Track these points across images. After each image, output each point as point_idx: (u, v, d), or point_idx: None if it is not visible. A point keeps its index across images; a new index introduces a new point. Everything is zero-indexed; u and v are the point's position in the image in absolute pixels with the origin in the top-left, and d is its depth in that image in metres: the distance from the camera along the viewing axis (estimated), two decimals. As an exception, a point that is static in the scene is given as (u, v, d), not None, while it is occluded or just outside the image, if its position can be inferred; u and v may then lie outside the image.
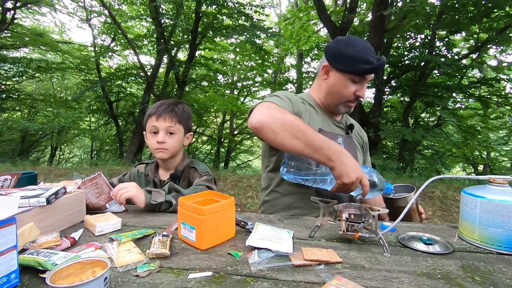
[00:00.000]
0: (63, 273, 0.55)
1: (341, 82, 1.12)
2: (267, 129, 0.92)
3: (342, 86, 1.12)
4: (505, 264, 0.70)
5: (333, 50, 1.12)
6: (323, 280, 0.60)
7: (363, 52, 1.07)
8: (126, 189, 1.02)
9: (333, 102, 1.17)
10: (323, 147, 0.88)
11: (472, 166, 9.22)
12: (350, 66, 1.08)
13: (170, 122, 1.21)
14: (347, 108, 1.17)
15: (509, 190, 0.77)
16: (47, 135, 10.27)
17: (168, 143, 1.21)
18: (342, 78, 1.11)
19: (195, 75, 9.59)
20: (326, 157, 0.88)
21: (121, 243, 0.73)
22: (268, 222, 0.94)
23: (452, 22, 5.77)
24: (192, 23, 7.29)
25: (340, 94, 1.13)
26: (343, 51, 1.09)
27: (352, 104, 1.16)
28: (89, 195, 1.01)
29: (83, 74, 9.37)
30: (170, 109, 1.22)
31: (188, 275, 0.62)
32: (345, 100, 1.14)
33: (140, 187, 1.05)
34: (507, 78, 6.99)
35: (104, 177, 1.06)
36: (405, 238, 0.82)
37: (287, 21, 9.96)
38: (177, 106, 1.25)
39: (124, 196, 1.01)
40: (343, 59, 1.09)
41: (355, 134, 1.30)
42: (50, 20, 13.82)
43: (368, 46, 1.12)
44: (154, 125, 1.21)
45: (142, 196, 1.02)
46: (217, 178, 4.69)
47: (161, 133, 1.20)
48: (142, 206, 1.02)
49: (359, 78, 1.09)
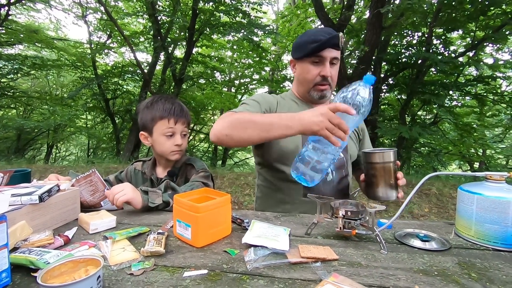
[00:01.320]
0: (55, 271, 0.54)
1: (303, 68, 1.17)
2: (221, 137, 0.96)
3: (305, 72, 1.17)
4: (501, 260, 0.70)
5: (294, 44, 1.21)
6: (319, 278, 0.60)
7: (314, 34, 1.12)
8: (122, 193, 0.98)
9: (305, 90, 1.21)
10: (274, 121, 0.89)
11: (468, 164, 9.28)
12: (303, 50, 1.14)
13: (185, 124, 1.26)
14: (318, 92, 1.18)
15: (505, 187, 0.77)
16: (43, 133, 10.17)
17: (183, 145, 1.25)
18: (303, 64, 1.17)
19: (192, 73, 9.53)
20: (284, 127, 0.87)
21: (115, 241, 0.72)
22: (265, 220, 0.93)
23: (449, 20, 5.77)
24: (189, 20, 7.23)
25: (306, 80, 1.17)
26: (298, 41, 1.18)
27: (322, 87, 1.17)
28: (84, 193, 1.00)
29: (79, 71, 9.28)
30: (185, 112, 1.26)
31: (183, 273, 0.61)
32: (313, 84, 1.17)
33: (135, 188, 1.02)
34: (503, 76, 7.03)
35: (98, 174, 1.04)
36: (401, 235, 0.82)
37: (284, 19, 9.91)
38: (183, 107, 1.27)
39: (121, 200, 0.97)
40: (298, 48, 1.16)
41: None
42: (45, 17, 13.67)
43: (323, 29, 1.17)
44: (171, 127, 1.21)
45: (139, 197, 1.00)
46: (214, 176, 4.67)
47: (178, 136, 1.23)
48: (139, 208, 1.00)
49: (318, 58, 1.12)
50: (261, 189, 1.26)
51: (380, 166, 0.93)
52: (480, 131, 7.68)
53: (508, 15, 5.24)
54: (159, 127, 1.21)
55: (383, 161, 0.92)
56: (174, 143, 1.21)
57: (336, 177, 1.16)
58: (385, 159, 0.92)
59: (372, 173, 0.95)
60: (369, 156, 0.95)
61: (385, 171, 0.93)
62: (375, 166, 0.93)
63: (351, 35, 7.08)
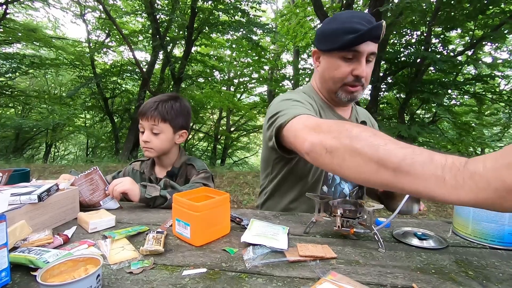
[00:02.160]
0: (55, 270, 0.54)
1: (331, 63, 0.96)
2: (320, 151, 0.64)
3: (333, 68, 0.96)
4: (498, 258, 0.70)
5: (319, 32, 0.99)
6: (317, 276, 0.60)
7: (348, 22, 0.89)
8: (121, 184, 1.01)
9: (330, 90, 1.01)
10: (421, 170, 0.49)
11: (466, 162, 9.29)
12: (334, 41, 0.91)
13: (153, 121, 1.17)
14: (348, 94, 0.98)
15: (502, 185, 0.78)
16: (41, 132, 10.16)
17: (153, 143, 1.18)
18: (331, 59, 0.95)
19: (191, 72, 9.54)
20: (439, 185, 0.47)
21: (114, 240, 0.72)
22: (264, 219, 0.93)
23: (448, 18, 5.78)
24: (188, 19, 7.23)
25: (333, 78, 0.97)
26: (326, 29, 0.95)
27: (353, 89, 0.97)
28: (83, 191, 1.00)
29: (78, 70, 9.28)
30: (154, 108, 1.17)
31: (182, 271, 0.61)
32: (342, 84, 0.97)
33: (135, 182, 1.05)
34: (501, 75, 7.05)
35: (100, 172, 1.04)
36: (399, 234, 0.83)
37: (283, 17, 9.91)
38: (164, 104, 1.19)
39: (119, 190, 1.00)
40: (327, 37, 0.94)
41: None
42: (43, 15, 13.62)
43: (357, 14, 0.93)
44: (140, 123, 1.21)
45: (137, 190, 1.02)
46: (214, 175, 4.69)
47: (146, 132, 1.18)
48: (136, 200, 1.02)
49: (352, 53, 0.91)
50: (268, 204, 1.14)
51: None
52: (478, 129, 7.71)
53: (507, 14, 5.25)
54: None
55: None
56: (142, 139, 1.19)
57: (350, 187, 1.08)
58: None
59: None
60: None
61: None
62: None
63: (350, 34, 7.06)
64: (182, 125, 1.25)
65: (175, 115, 1.21)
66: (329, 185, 1.05)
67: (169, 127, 1.20)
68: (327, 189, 1.05)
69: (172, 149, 1.26)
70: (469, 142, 7.13)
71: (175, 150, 1.28)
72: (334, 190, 1.05)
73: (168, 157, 1.26)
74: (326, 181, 1.04)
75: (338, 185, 1.06)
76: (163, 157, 1.25)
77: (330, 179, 1.04)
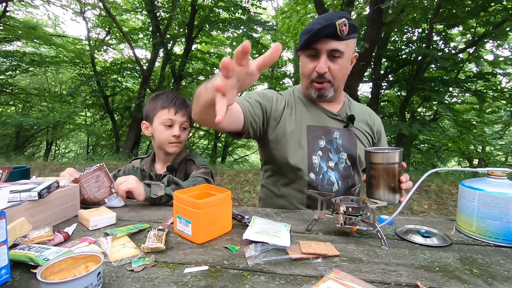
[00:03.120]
0: (55, 268, 0.53)
1: (302, 62, 1.07)
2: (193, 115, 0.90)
3: (302, 66, 1.07)
4: (503, 256, 0.70)
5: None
6: (320, 274, 0.59)
7: (312, 23, 1.00)
8: (126, 182, 1.01)
9: (304, 87, 1.12)
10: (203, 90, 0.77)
11: (467, 160, 9.30)
12: (300, 42, 1.03)
13: (186, 117, 1.23)
14: (315, 90, 1.07)
15: (507, 183, 0.77)
16: (42, 130, 10.15)
17: (182, 137, 1.23)
18: (302, 58, 1.07)
19: (192, 69, 9.50)
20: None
21: (115, 238, 0.71)
22: (265, 216, 0.93)
23: (450, 16, 5.74)
24: (188, 16, 7.20)
25: (304, 75, 1.08)
26: (302, 31, 1.05)
27: (319, 85, 1.05)
28: (88, 188, 0.99)
29: (78, 68, 9.25)
30: (186, 105, 1.24)
31: (184, 269, 0.61)
32: (309, 81, 1.07)
33: (139, 181, 1.05)
34: (503, 72, 7.02)
35: (106, 169, 1.04)
36: (403, 231, 0.82)
37: (284, 15, 9.86)
38: (186, 101, 1.26)
39: (124, 188, 1.00)
40: (299, 38, 1.06)
41: (360, 124, 1.17)
42: (43, 13, 13.53)
43: (325, 16, 1.01)
44: (170, 118, 1.20)
45: (142, 189, 1.02)
46: (214, 172, 4.67)
47: (177, 127, 1.22)
48: (141, 199, 1.02)
49: (314, 51, 1.01)
50: (264, 191, 1.21)
51: (382, 167, 0.84)
52: (479, 127, 7.69)
53: (509, 11, 5.21)
54: (159, 116, 1.21)
55: (387, 162, 0.84)
56: (172, 133, 1.20)
57: (342, 187, 1.09)
58: (389, 160, 0.83)
59: (373, 174, 0.86)
60: (371, 155, 0.85)
61: (388, 173, 0.84)
62: (377, 167, 0.85)
63: (351, 31, 7.03)
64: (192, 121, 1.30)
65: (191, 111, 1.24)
66: (316, 173, 1.08)
67: (189, 122, 1.27)
68: (315, 176, 1.08)
69: None
70: (470, 140, 7.11)
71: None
72: (322, 178, 1.08)
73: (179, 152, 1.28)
74: (313, 169, 1.08)
75: (325, 173, 1.09)
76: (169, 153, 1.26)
77: (316, 167, 1.08)
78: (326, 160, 1.09)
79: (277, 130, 1.11)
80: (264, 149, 1.16)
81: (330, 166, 1.09)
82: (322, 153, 1.09)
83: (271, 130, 1.11)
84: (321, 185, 1.07)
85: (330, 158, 1.10)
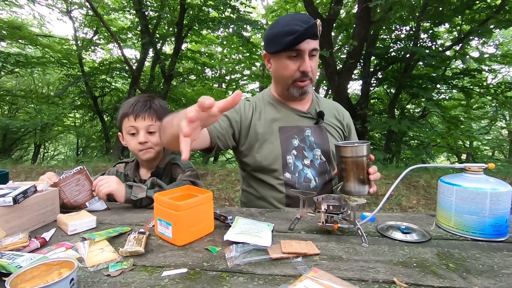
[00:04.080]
0: (27, 275, 0.52)
1: (279, 64, 1.06)
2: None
3: (282, 68, 1.06)
4: (478, 250, 0.71)
5: (265, 36, 1.10)
6: (299, 273, 0.60)
7: (287, 24, 1.00)
8: (107, 184, 0.99)
9: (283, 88, 1.12)
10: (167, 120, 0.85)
11: (455, 156, 9.49)
12: (278, 43, 1.02)
13: (150, 120, 1.16)
14: (298, 89, 1.08)
15: (483, 178, 0.78)
16: (29, 132, 9.92)
17: (152, 142, 1.17)
18: (279, 60, 1.06)
19: (182, 69, 9.42)
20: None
21: (94, 242, 0.70)
22: (249, 216, 0.92)
23: (436, 13, 5.83)
24: (177, 15, 7.11)
25: (284, 77, 1.08)
26: (270, 32, 1.06)
27: (302, 84, 1.07)
28: (68, 192, 0.97)
29: (65, 68, 9.05)
30: (147, 107, 1.16)
31: (162, 272, 0.60)
32: (291, 81, 1.07)
33: (120, 181, 1.03)
34: (488, 69, 7.17)
35: (87, 172, 1.01)
36: (383, 228, 0.83)
37: (274, 13, 9.86)
38: (153, 101, 1.19)
39: (104, 192, 0.98)
40: (272, 41, 1.05)
41: (330, 119, 1.21)
42: (28, 13, 13.21)
43: (297, 16, 1.04)
44: (132, 125, 1.15)
45: (123, 190, 1.00)
46: (205, 172, 4.66)
47: (142, 132, 1.15)
48: (122, 201, 1.00)
49: (296, 52, 1.02)
50: (245, 195, 1.22)
51: (352, 160, 0.89)
52: (466, 123, 7.86)
53: (493, 9, 5.33)
54: (124, 125, 1.18)
55: (356, 155, 0.88)
56: (137, 141, 1.14)
57: (320, 183, 1.11)
58: (357, 153, 0.88)
59: (343, 167, 0.91)
60: (340, 149, 0.90)
61: (357, 165, 0.88)
62: (347, 160, 0.89)
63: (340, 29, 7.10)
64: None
65: (163, 112, 1.20)
66: (292, 172, 1.10)
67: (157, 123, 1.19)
68: (290, 175, 1.10)
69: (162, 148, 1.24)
70: (458, 135, 7.26)
71: (162, 150, 1.26)
72: (298, 176, 1.10)
73: (157, 157, 1.24)
74: (288, 168, 1.10)
75: (301, 171, 1.11)
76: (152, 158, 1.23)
77: (291, 166, 1.10)
78: (301, 158, 1.11)
79: (249, 137, 1.13)
80: (239, 155, 1.18)
81: (305, 164, 1.12)
82: (296, 152, 1.11)
83: (243, 138, 1.14)
84: (298, 182, 1.09)
85: (305, 156, 1.12)
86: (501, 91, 6.34)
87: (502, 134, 10.87)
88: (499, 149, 10.25)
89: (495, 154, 10.19)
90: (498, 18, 5.26)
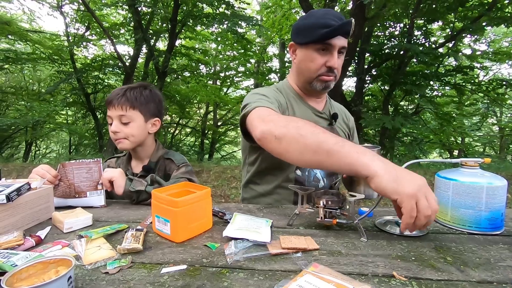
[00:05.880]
0: (23, 274, 0.51)
1: (307, 55, 1.04)
2: (270, 137, 0.80)
3: (309, 60, 1.04)
4: (475, 243, 0.72)
5: (295, 26, 1.09)
6: (300, 268, 0.60)
7: (323, 18, 0.99)
8: (110, 170, 1.01)
9: (305, 81, 1.09)
10: (345, 152, 0.71)
11: (448, 152, 9.63)
12: (310, 35, 1.00)
13: (121, 110, 1.09)
14: (322, 83, 1.06)
15: (479, 172, 0.79)
16: (20, 130, 9.75)
17: (124, 132, 1.10)
18: (307, 51, 1.03)
19: (176, 66, 9.33)
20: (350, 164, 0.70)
21: (91, 240, 0.69)
22: (247, 212, 0.92)
23: (430, 10, 5.88)
24: (171, 11, 7.03)
25: (309, 69, 1.05)
26: (302, 23, 1.04)
27: (327, 78, 1.05)
28: (77, 176, 0.98)
29: (57, 65, 8.89)
30: (120, 95, 1.10)
31: (161, 269, 0.59)
32: (317, 75, 1.05)
33: (124, 175, 1.04)
34: (480, 66, 7.27)
35: (101, 166, 1.02)
36: (382, 223, 0.84)
37: (268, 10, 9.82)
38: (132, 90, 1.12)
39: (106, 176, 0.99)
40: (303, 32, 1.03)
41: (340, 122, 1.22)
42: (17, 7, 12.87)
43: (331, 12, 1.03)
44: (108, 115, 1.13)
45: (123, 181, 1.01)
46: (201, 170, 4.64)
47: (115, 122, 1.10)
48: (120, 192, 1.00)
49: (325, 46, 1.00)
50: (248, 190, 1.20)
51: None
52: (459, 119, 7.97)
53: (485, 7, 5.39)
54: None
55: None
56: (110, 130, 1.12)
57: (328, 184, 1.12)
58: None
59: None
60: None
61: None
62: None
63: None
64: (154, 112, 1.18)
65: (145, 101, 1.14)
66: (302, 170, 1.10)
67: (139, 114, 1.13)
68: (301, 173, 1.10)
69: (147, 140, 1.19)
70: (450, 131, 7.36)
71: (150, 142, 1.22)
72: (308, 174, 1.10)
73: (144, 149, 1.21)
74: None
75: (311, 170, 1.11)
76: (138, 149, 1.20)
77: None
78: None
79: None
80: (254, 148, 1.12)
81: None
82: None
83: None
84: (307, 181, 1.10)
85: None
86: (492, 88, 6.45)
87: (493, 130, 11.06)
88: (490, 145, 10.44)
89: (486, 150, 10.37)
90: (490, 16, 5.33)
